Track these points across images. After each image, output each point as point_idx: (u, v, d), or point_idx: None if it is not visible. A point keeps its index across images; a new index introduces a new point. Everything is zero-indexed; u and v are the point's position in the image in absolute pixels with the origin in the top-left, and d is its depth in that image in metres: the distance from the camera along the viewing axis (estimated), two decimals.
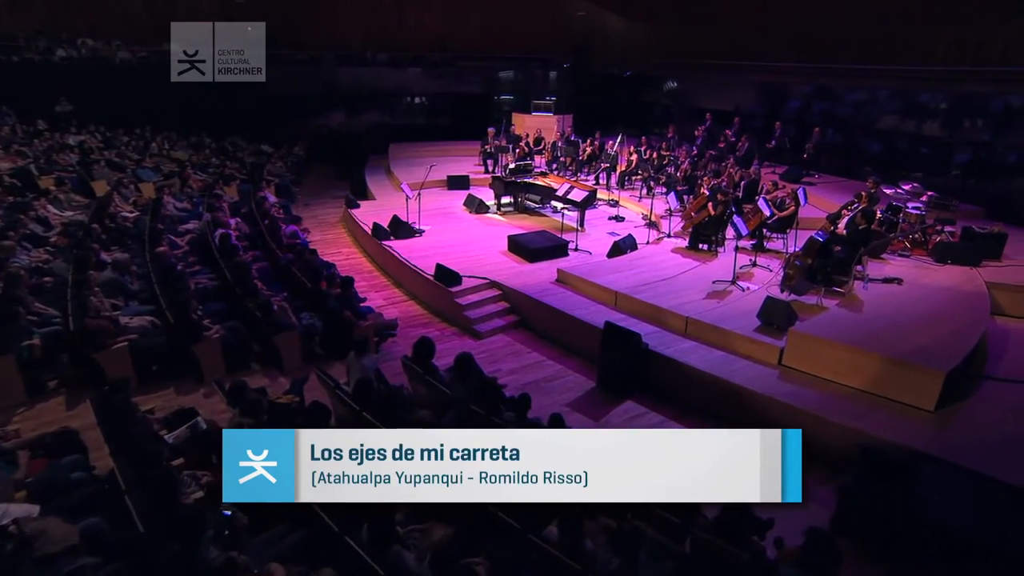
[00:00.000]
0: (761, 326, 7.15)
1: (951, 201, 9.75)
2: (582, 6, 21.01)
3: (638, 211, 12.81)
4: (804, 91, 15.47)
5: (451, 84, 20.09)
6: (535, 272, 9.46)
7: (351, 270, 10.30)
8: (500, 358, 7.77)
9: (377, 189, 14.36)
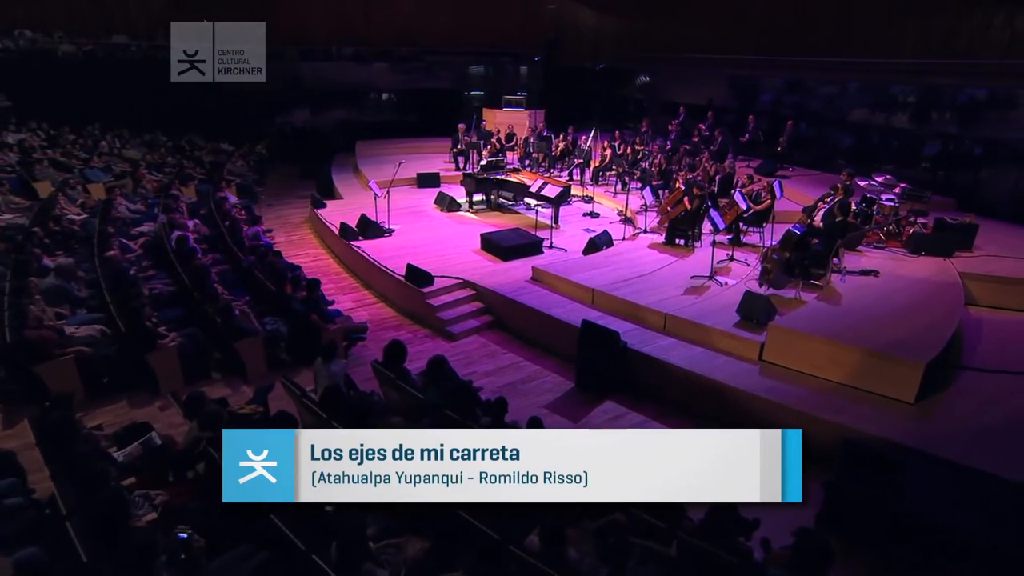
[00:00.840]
0: (741, 321, 7.15)
1: (924, 192, 9.94)
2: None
3: (613, 207, 12.79)
4: (776, 84, 15.68)
5: (419, 79, 19.85)
6: (509, 271, 9.34)
7: (318, 272, 10.04)
8: (475, 360, 7.63)
9: (344, 188, 14.08)
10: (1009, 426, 5.52)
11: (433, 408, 5.26)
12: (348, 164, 16.22)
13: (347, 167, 15.99)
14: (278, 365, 6.69)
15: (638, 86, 20.04)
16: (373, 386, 6.16)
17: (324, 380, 5.53)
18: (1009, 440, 5.33)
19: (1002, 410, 5.75)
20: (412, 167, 14.95)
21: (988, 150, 11.62)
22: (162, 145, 14.75)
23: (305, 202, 13.33)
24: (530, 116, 16.84)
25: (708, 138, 14.14)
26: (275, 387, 5.60)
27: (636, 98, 19.82)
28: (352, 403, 4.90)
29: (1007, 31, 12.66)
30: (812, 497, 5.22)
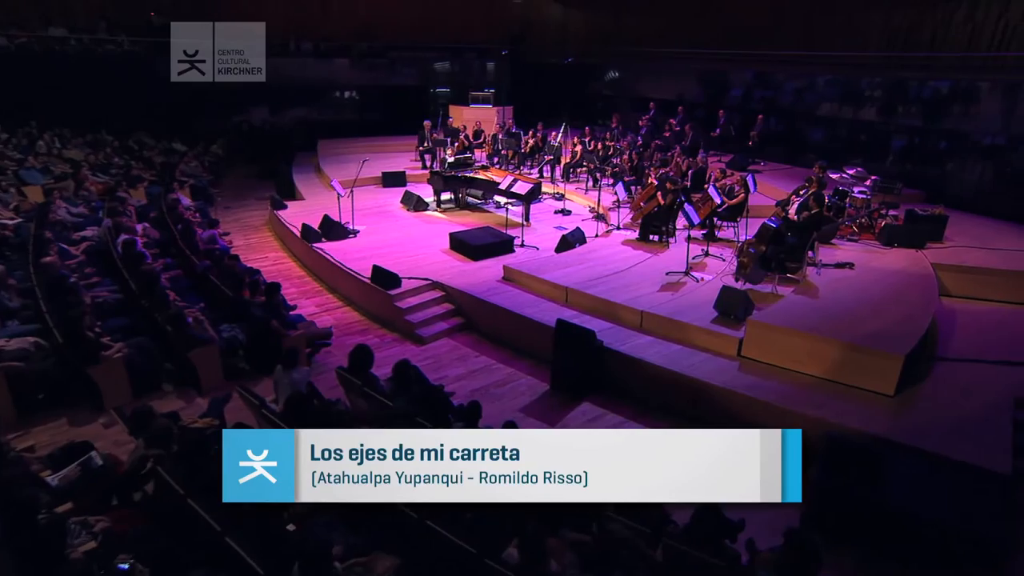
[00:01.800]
0: (718, 317, 7.13)
1: (895, 184, 10.12)
2: None
3: (585, 204, 12.74)
4: (745, 79, 15.87)
5: (383, 76, 19.55)
6: (480, 270, 9.18)
7: (279, 276, 9.74)
8: (445, 364, 7.46)
9: (306, 188, 13.74)
10: (987, 416, 5.60)
11: (403, 415, 5.07)
12: (310, 164, 15.87)
13: (309, 167, 15.63)
14: (236, 375, 6.40)
15: (607, 82, 20.10)
16: (338, 394, 5.94)
17: (285, 389, 5.28)
18: (987, 429, 5.40)
19: (979, 400, 5.83)
20: (377, 166, 14.70)
21: (953, 143, 11.92)
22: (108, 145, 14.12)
23: (264, 204, 12.95)
24: (498, 113, 16.74)
25: (679, 133, 14.22)
26: (232, 398, 5.34)
27: (605, 94, 19.88)
28: (316, 413, 4.67)
29: (968, 26, 13.06)
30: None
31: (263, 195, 13.45)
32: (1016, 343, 6.94)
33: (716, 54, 16.55)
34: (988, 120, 11.31)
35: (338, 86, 19.25)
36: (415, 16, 19.56)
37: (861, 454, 4.90)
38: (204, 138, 15.91)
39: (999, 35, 12.55)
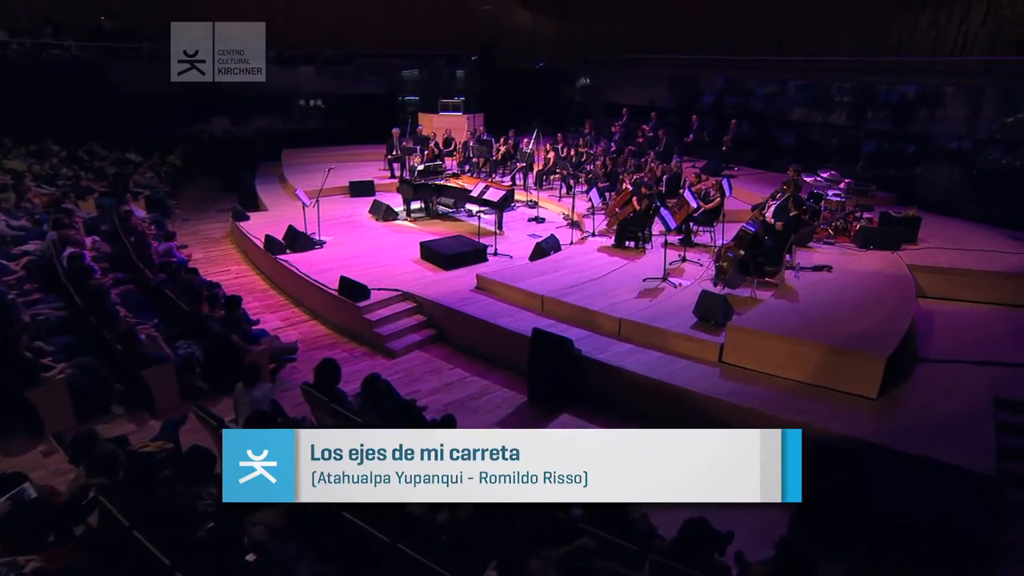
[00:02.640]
0: (698, 323, 7.10)
1: (869, 187, 10.29)
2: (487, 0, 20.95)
3: (559, 211, 12.71)
4: (716, 85, 16.09)
5: (349, 84, 19.32)
6: (452, 280, 9.02)
7: (241, 290, 9.41)
8: (418, 377, 7.26)
9: (270, 199, 13.43)
10: (969, 417, 5.63)
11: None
12: (274, 174, 15.56)
13: (272, 177, 15.32)
14: (194, 394, 6.10)
15: (579, 88, 20.21)
16: (304, 412, 5.71)
17: (246, 408, 5.04)
18: (970, 431, 5.42)
19: (961, 401, 5.87)
20: (344, 175, 14.46)
21: (921, 146, 12.21)
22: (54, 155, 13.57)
23: (226, 215, 12.61)
24: (468, 120, 16.67)
25: (653, 139, 14.30)
26: (188, 419, 5.07)
27: (577, 100, 19.98)
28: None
29: (932, 31, 13.46)
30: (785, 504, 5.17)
31: (224, 207, 13.10)
32: (993, 343, 7.05)
33: (687, 59, 16.76)
34: (954, 124, 11.62)
35: (303, 94, 18.95)
36: (382, 23, 19.39)
37: (845, 458, 4.85)
38: (161, 148, 15.44)
39: (961, 40, 12.96)
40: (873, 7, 14.18)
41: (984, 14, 12.63)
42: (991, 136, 11.02)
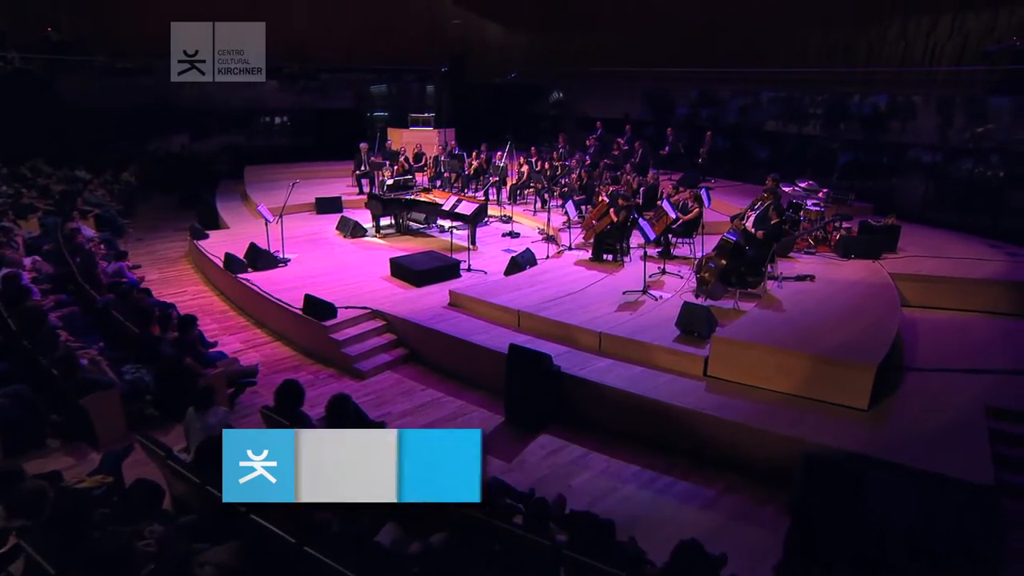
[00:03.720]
0: (681, 335, 6.98)
1: (847, 196, 10.39)
2: (458, 14, 21.03)
3: (534, 225, 12.61)
4: (690, 97, 16.29)
5: (315, 99, 19.12)
6: (423, 297, 8.80)
7: (198, 312, 8.98)
8: (388, 399, 6.99)
9: (231, 217, 13.09)
10: (962, 426, 5.58)
11: None
12: (236, 191, 15.23)
13: (234, 194, 14.98)
14: (142, 423, 5.74)
15: (552, 102, 20.31)
16: None
17: (198, 435, 4.72)
18: (964, 440, 5.36)
19: (952, 410, 5.83)
20: (311, 192, 14.23)
21: (896, 156, 12.45)
22: None
23: (183, 235, 12.23)
24: (439, 135, 16.57)
25: (628, 152, 14.35)
26: (133, 450, 4.73)
27: (551, 114, 20.07)
28: None
29: (900, 43, 13.85)
30: (776, 522, 5.02)
31: (182, 226, 12.70)
32: (978, 350, 7.07)
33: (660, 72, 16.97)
34: (927, 134, 11.88)
35: (267, 110, 18.68)
36: (349, 37, 19.29)
37: (842, 473, 4.72)
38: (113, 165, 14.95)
39: (929, 52, 13.37)
40: (842, 19, 14.57)
41: (950, 26, 13.06)
42: (963, 146, 11.28)
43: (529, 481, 5.39)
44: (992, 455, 5.20)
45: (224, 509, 3.38)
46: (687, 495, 5.42)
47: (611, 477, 5.63)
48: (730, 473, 5.64)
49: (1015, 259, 9.17)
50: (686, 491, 5.47)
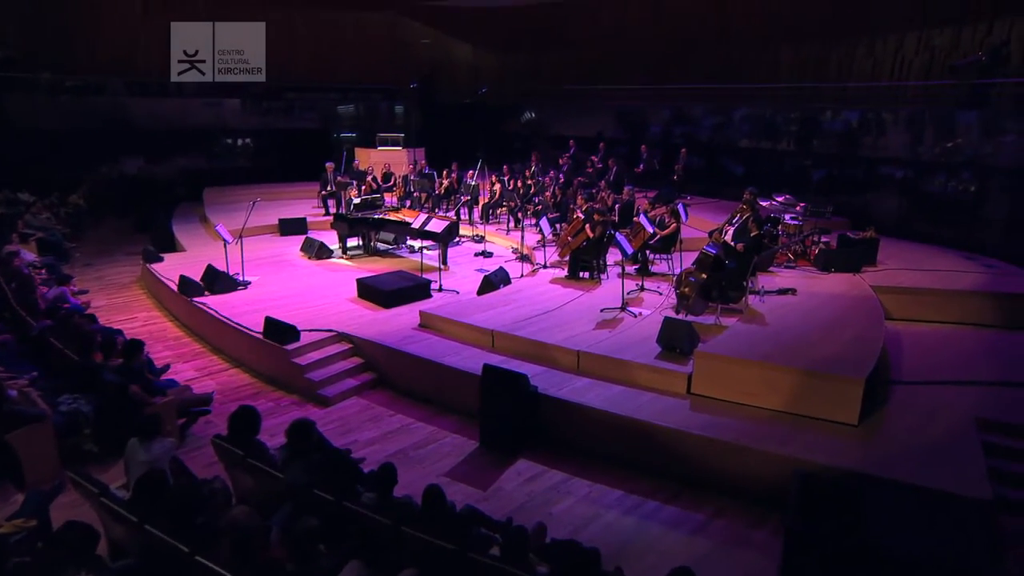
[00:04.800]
0: (663, 352, 6.83)
1: (825, 209, 10.47)
2: (427, 33, 21.10)
3: (507, 245, 12.47)
4: (663, 115, 16.47)
5: (280, 120, 18.91)
6: (392, 318, 8.54)
7: (149, 338, 8.66)
8: (355, 427, 6.68)
9: (188, 239, 12.69)
10: (955, 439, 5.49)
11: (297, 489, 4.30)
12: (194, 214, 14.84)
13: (192, 217, 14.59)
14: (79, 459, 5.34)
15: (524, 122, 20.39)
16: (218, 471, 5.05)
17: (139, 468, 4.37)
18: (959, 454, 5.26)
19: (943, 423, 5.75)
20: (274, 213, 13.93)
21: (869, 170, 12.67)
22: None
23: (136, 259, 11.79)
24: (408, 154, 16.45)
25: (602, 170, 14.37)
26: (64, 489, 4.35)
27: (523, 133, 20.13)
28: (177, 496, 3.80)
29: (869, 60, 14.24)
30: (770, 545, 4.82)
31: (136, 250, 12.24)
32: (964, 362, 7.05)
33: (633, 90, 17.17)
34: (898, 148, 12.13)
35: (229, 130, 18.36)
36: (315, 56, 19.15)
37: (840, 492, 4.56)
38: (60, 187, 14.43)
39: (897, 68, 13.76)
40: (812, 37, 14.94)
41: (917, 43, 13.46)
42: (935, 159, 11.52)
43: (506, 509, 5.13)
44: (989, 469, 5.11)
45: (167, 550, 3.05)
46: (675, 520, 5.20)
47: (594, 503, 5.39)
48: (719, 496, 5.44)
49: (993, 271, 9.29)
50: (673, 516, 5.25)
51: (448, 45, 21.65)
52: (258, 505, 4.41)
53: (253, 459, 4.59)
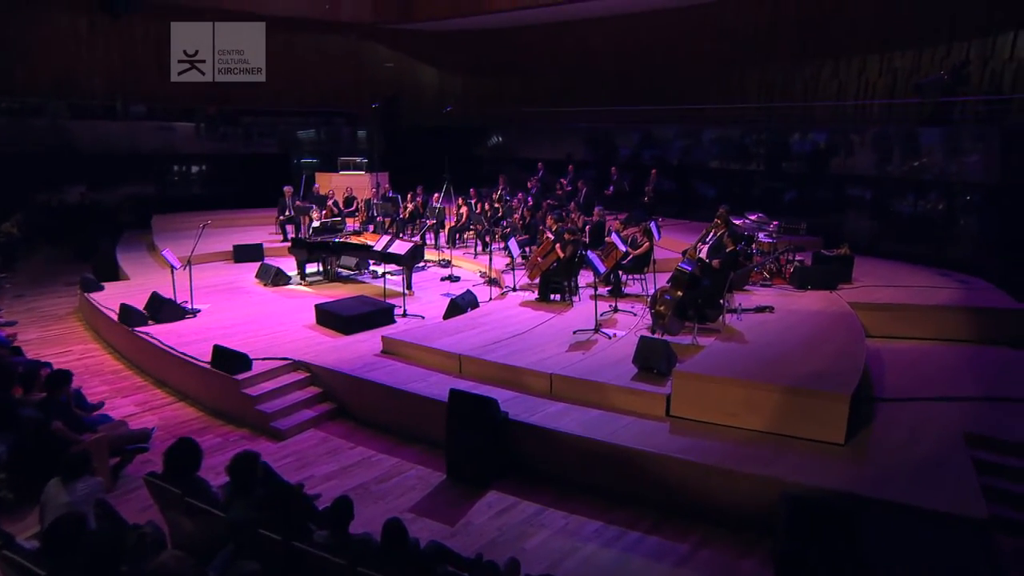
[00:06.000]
0: (639, 373, 6.64)
1: (799, 225, 10.53)
2: (390, 57, 21.10)
3: (474, 269, 12.26)
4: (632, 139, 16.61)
5: (237, 145, 18.51)
6: (353, 345, 8.21)
7: (85, 372, 8.24)
8: (311, 460, 6.30)
9: (133, 268, 12.19)
10: (945, 457, 5.37)
11: (240, 529, 3.93)
12: (141, 242, 14.34)
13: (139, 245, 14.09)
14: None
15: (491, 146, 20.40)
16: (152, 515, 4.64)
17: (58, 510, 3.95)
18: (950, 472, 5.14)
19: (931, 440, 5.64)
20: (229, 239, 13.52)
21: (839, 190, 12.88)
22: None
23: (74, 290, 11.23)
24: (371, 179, 16.22)
25: (572, 192, 14.35)
26: None
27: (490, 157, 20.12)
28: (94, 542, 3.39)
29: (834, 82, 14.63)
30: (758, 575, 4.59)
31: (74, 280, 11.68)
32: (946, 378, 7.03)
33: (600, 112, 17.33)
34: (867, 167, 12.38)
35: (182, 156, 17.89)
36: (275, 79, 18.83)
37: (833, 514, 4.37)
38: None
39: (862, 89, 14.17)
40: (778, 60, 15.33)
41: (879, 65, 13.91)
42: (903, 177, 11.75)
43: (476, 545, 4.83)
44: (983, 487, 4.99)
45: None
46: (657, 551, 4.94)
47: (570, 536, 5.10)
48: (703, 523, 5.21)
49: (968, 286, 9.39)
50: (656, 547, 4.99)
51: (413, 68, 21.70)
52: (197, 550, 4.04)
53: (192, 498, 4.21)
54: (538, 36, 19.55)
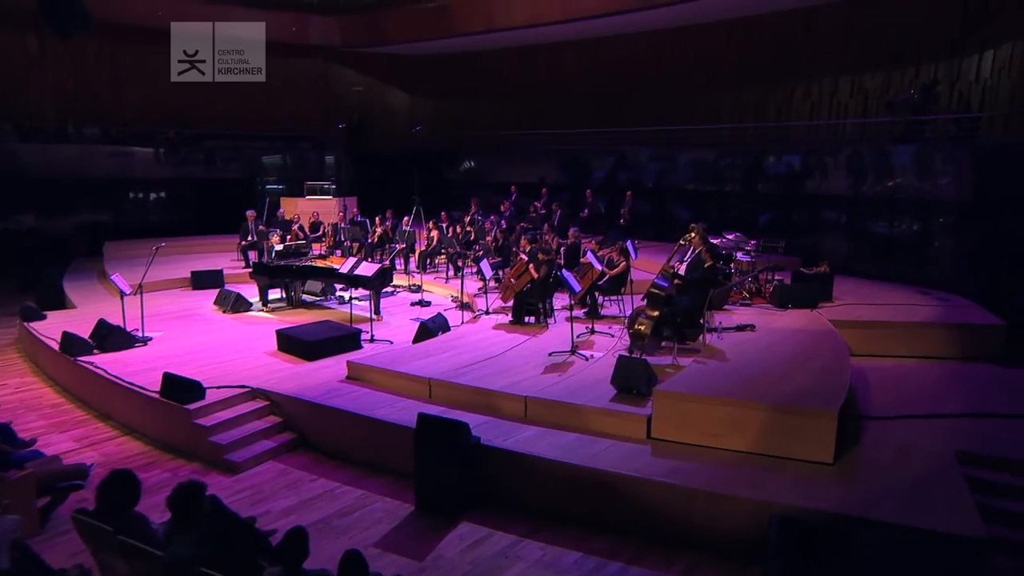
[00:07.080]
0: (618, 394, 6.46)
1: (777, 243, 10.56)
2: (359, 81, 21.08)
3: (446, 293, 12.06)
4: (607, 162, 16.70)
5: (198, 169, 18.14)
6: (316, 371, 7.91)
7: (22, 406, 7.83)
8: (269, 495, 5.96)
9: (80, 296, 11.74)
10: (938, 475, 5.27)
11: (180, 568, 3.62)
12: (91, 269, 13.89)
13: (89, 272, 13.63)
14: None
15: (463, 171, 20.36)
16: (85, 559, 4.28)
17: None
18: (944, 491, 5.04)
19: (922, 458, 5.54)
20: (187, 266, 13.16)
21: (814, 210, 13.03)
22: None
23: (13, 321, 10.74)
24: (339, 204, 16.00)
25: (546, 215, 14.28)
26: None
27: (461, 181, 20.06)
28: None
29: (807, 103, 14.95)
30: None
31: (13, 310, 11.19)
32: (933, 395, 6.98)
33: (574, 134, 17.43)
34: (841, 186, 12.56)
35: (139, 181, 17.46)
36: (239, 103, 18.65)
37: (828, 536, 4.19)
38: None
39: (834, 109, 14.50)
40: (750, 82, 15.63)
41: (851, 86, 14.26)
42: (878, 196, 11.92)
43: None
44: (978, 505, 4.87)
45: None
46: None
47: (547, 568, 4.84)
48: (688, 550, 5.00)
49: (947, 303, 9.44)
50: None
51: (383, 92, 21.67)
52: None
53: (125, 535, 3.87)
54: (510, 59, 19.72)
